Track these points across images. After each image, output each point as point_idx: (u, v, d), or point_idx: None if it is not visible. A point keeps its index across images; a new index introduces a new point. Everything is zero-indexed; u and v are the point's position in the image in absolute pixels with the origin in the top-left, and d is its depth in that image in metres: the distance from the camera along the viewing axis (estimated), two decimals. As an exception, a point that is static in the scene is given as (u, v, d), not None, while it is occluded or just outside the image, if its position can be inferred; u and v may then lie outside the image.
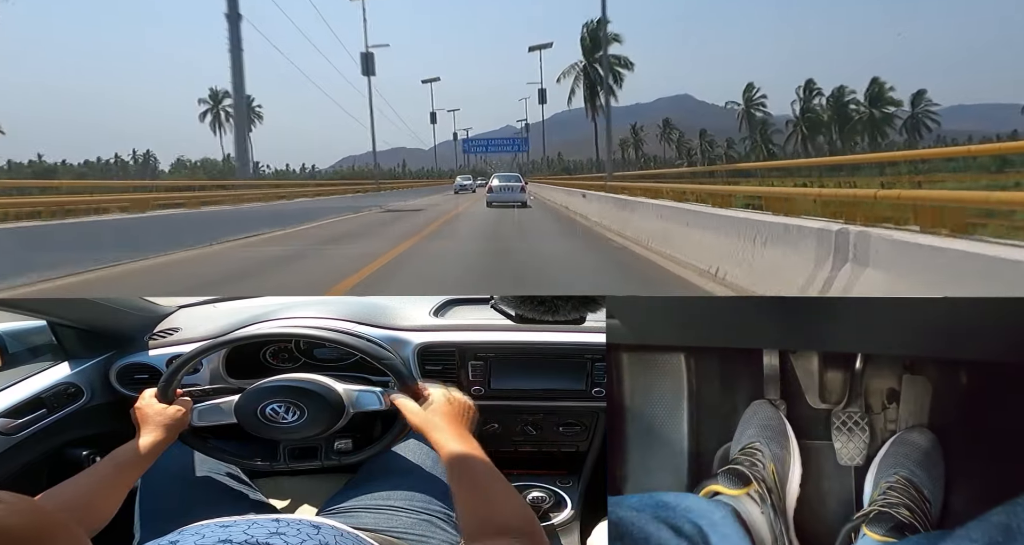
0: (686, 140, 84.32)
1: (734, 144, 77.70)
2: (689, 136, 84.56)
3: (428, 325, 2.03)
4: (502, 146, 66.15)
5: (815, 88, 70.16)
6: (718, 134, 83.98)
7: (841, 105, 67.30)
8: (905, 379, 1.31)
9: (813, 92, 69.57)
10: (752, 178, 11.64)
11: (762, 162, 26.40)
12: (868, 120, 65.84)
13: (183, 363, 1.50)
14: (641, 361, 1.40)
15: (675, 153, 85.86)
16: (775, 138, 72.16)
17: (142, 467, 1.27)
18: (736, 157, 71.64)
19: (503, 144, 66.28)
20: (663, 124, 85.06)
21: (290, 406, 1.57)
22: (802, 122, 67.62)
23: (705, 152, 79.69)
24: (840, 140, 65.35)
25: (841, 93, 67.36)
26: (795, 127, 68.63)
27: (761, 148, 70.09)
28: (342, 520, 1.34)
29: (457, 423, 1.26)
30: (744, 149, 74.19)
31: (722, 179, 12.29)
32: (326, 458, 1.68)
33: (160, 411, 1.37)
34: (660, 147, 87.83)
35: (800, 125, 68.09)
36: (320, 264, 7.59)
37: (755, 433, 1.33)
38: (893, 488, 1.20)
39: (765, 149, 69.59)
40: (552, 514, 1.92)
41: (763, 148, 70.17)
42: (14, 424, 1.71)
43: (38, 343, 2.04)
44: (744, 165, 16.68)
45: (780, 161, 24.75)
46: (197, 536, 0.82)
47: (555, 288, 5.38)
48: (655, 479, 1.38)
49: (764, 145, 70.41)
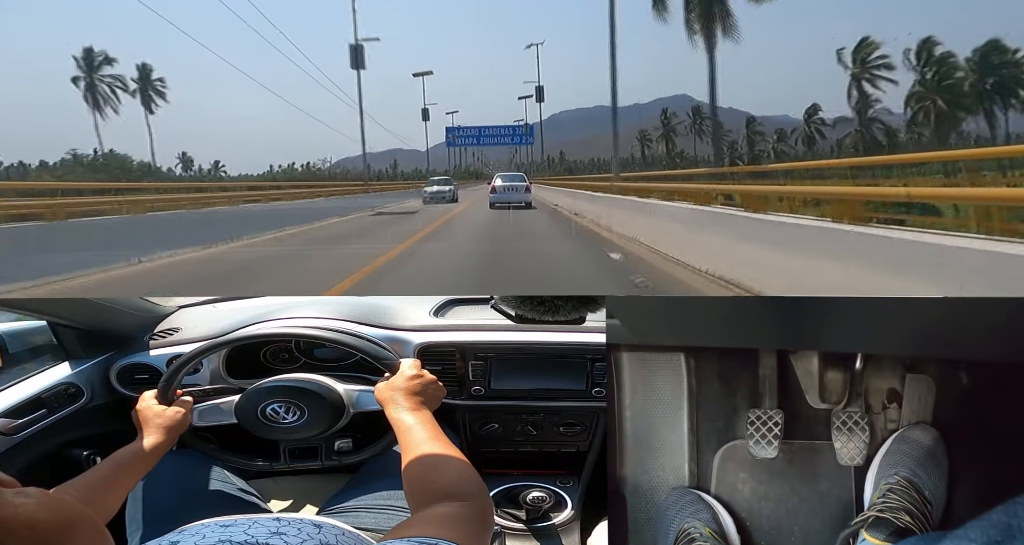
0: (726, 132, 66.55)
1: (786, 136, 63.02)
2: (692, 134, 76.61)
3: (428, 325, 2.03)
4: (498, 136, 51.74)
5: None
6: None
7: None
8: (907, 378, 1.31)
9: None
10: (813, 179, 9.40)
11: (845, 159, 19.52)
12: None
13: (183, 363, 1.50)
14: (641, 361, 1.40)
15: (710, 148, 68.53)
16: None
17: (143, 469, 1.27)
18: (787, 153, 58.67)
19: (499, 134, 51.52)
20: (692, 112, 71.02)
21: (290, 406, 1.57)
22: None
23: (754, 145, 64.13)
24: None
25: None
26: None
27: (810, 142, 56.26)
28: (343, 520, 1.34)
29: (412, 397, 1.27)
30: (799, 138, 59.76)
31: (778, 180, 9.75)
32: (326, 458, 1.68)
33: (160, 413, 1.37)
34: (685, 142, 73.13)
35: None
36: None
37: None
38: (893, 490, 1.20)
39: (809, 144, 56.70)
40: (552, 514, 1.92)
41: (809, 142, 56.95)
42: (14, 424, 1.71)
43: (38, 343, 2.04)
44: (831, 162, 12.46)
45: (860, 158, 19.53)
46: (197, 536, 0.82)
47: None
48: (655, 479, 1.38)
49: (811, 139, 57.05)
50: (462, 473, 1.03)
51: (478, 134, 52.11)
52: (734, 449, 1.36)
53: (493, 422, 2.03)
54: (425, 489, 0.99)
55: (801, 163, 12.03)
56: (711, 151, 65.80)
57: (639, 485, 1.38)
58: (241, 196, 19.26)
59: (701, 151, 72.55)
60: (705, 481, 1.37)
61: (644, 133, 72.66)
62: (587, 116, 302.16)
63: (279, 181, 43.62)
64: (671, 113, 74.08)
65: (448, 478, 1.01)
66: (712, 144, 57.51)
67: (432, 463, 1.06)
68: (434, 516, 0.90)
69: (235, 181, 42.85)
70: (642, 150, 71.61)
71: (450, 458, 1.07)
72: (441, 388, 1.36)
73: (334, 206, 19.53)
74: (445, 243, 9.83)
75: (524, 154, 60.47)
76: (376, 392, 1.35)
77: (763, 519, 1.32)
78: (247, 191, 21.80)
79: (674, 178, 14.49)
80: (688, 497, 1.33)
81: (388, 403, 1.28)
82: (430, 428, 1.16)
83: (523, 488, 1.95)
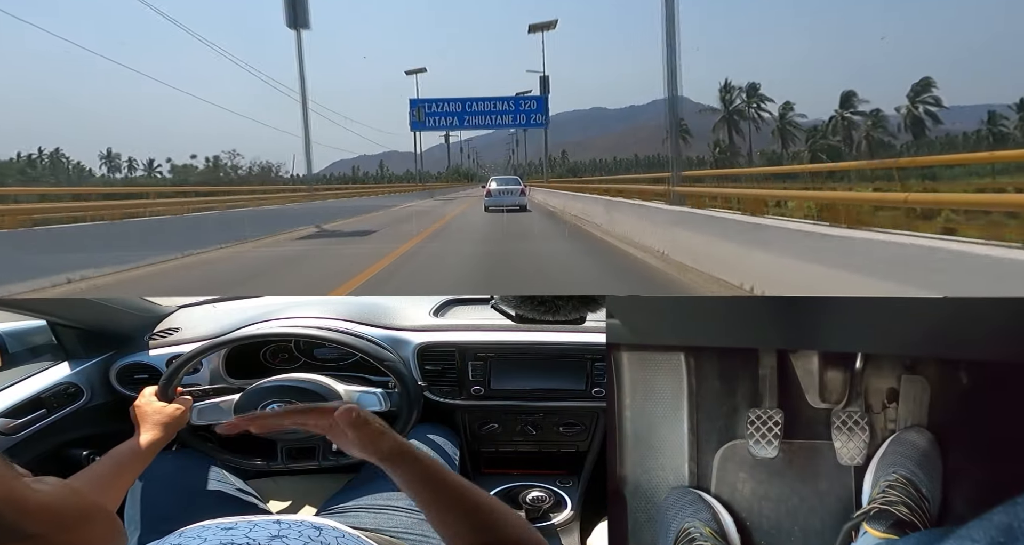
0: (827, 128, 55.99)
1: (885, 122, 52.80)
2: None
3: (428, 325, 2.03)
4: (492, 115, 32.97)
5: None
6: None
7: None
8: (904, 379, 1.31)
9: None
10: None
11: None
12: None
13: (183, 363, 1.50)
14: (641, 361, 1.40)
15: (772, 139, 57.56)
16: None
17: (141, 465, 1.27)
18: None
19: (494, 111, 32.99)
20: (748, 89, 58.45)
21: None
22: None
23: (873, 143, 51.95)
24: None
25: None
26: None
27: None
28: (342, 520, 1.34)
29: (379, 439, 0.94)
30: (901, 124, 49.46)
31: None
32: (324, 458, 1.68)
33: (159, 409, 1.37)
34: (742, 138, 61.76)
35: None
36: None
37: None
38: (892, 486, 1.20)
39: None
40: (552, 514, 1.92)
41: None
42: (14, 424, 1.71)
43: (38, 343, 2.03)
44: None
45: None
46: (198, 538, 0.82)
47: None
48: (655, 479, 1.38)
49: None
50: (524, 534, 0.87)
51: (460, 110, 32.76)
52: (734, 449, 1.36)
53: (493, 422, 2.03)
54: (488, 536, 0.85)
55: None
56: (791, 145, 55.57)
57: (639, 485, 1.38)
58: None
59: (758, 144, 59.99)
60: (705, 481, 1.37)
61: (681, 128, 62.35)
62: (585, 118, 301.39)
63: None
64: (730, 85, 60.32)
65: (516, 533, 0.86)
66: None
67: (492, 527, 0.86)
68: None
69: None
70: (714, 151, 59.54)
71: (512, 518, 0.88)
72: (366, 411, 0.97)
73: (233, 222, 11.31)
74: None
75: (522, 154, 57.15)
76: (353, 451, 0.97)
77: (763, 519, 1.33)
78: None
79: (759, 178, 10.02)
80: (688, 497, 1.33)
81: (381, 462, 0.96)
82: (461, 481, 0.93)
83: (523, 488, 1.95)
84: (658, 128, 64.65)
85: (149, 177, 59.53)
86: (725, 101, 62.00)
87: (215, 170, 47.73)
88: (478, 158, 72.04)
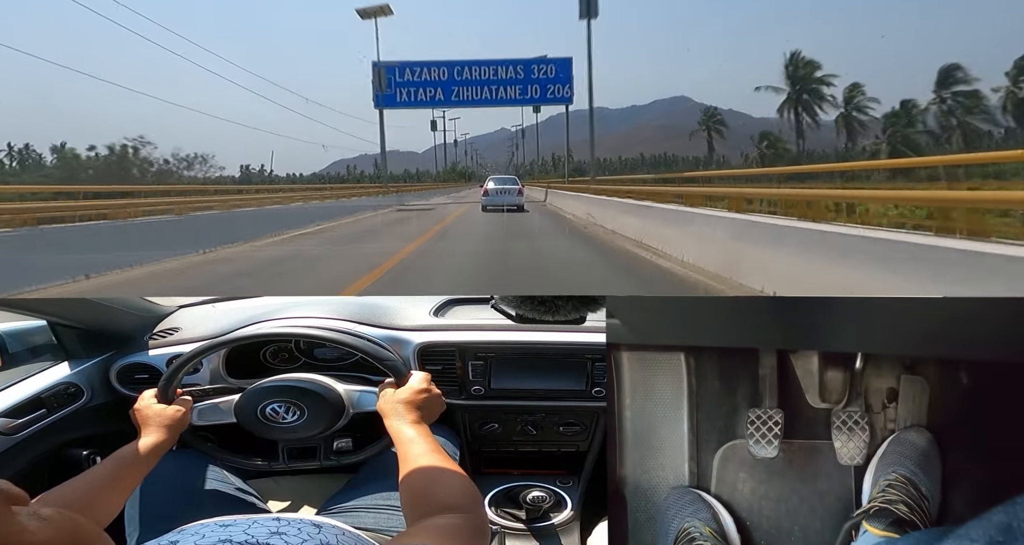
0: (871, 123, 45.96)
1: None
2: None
3: (428, 325, 2.03)
4: (494, 84, 23.70)
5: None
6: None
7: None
8: (904, 379, 1.31)
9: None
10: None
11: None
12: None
13: (183, 363, 1.50)
14: (641, 361, 1.40)
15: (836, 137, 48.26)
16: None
17: (144, 469, 1.27)
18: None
19: (497, 81, 23.79)
20: (809, 95, 47.14)
21: (290, 406, 1.57)
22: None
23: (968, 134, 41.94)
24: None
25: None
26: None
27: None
28: (342, 520, 1.34)
29: (415, 410, 1.28)
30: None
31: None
32: (325, 458, 1.68)
33: (160, 412, 1.37)
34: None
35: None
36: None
37: None
38: (892, 486, 1.21)
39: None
40: (552, 514, 1.92)
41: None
42: (14, 424, 1.71)
43: (38, 343, 2.03)
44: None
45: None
46: (197, 536, 0.82)
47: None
48: (655, 479, 1.38)
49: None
50: (460, 486, 1.04)
51: (446, 79, 22.44)
52: (734, 448, 1.36)
53: (493, 422, 2.03)
54: (423, 501, 1.00)
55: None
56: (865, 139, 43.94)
57: (639, 485, 1.38)
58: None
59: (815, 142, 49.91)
60: (705, 481, 1.37)
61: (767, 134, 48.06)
62: (584, 118, 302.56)
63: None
64: (800, 58, 46.85)
65: (446, 490, 1.02)
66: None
67: (431, 475, 1.07)
68: (433, 527, 0.90)
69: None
70: (760, 155, 48.20)
71: (448, 471, 1.08)
72: (443, 404, 1.37)
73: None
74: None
75: (522, 154, 55.67)
76: (379, 400, 1.35)
77: (763, 518, 1.33)
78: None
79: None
80: (688, 497, 1.33)
81: (390, 414, 1.28)
82: (429, 441, 1.17)
83: (523, 488, 1.95)
84: (661, 128, 58.56)
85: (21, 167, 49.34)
86: (792, 78, 47.77)
87: (121, 161, 37.86)
88: (478, 157, 70.34)
